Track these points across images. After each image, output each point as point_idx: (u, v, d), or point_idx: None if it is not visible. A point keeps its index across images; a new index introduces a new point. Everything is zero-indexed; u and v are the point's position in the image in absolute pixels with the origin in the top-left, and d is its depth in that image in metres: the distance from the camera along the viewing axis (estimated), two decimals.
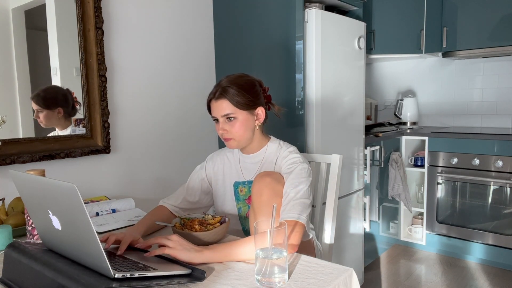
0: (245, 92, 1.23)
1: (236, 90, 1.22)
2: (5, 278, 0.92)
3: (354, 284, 0.92)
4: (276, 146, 1.32)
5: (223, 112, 1.23)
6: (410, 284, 2.42)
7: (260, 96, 1.28)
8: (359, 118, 2.33)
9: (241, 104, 1.22)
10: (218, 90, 1.23)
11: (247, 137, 1.27)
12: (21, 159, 1.49)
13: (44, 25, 1.60)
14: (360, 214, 2.42)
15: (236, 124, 1.23)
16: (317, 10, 1.93)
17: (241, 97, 1.22)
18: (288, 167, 1.22)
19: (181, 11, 2.13)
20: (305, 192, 1.15)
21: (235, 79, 1.25)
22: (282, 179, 1.19)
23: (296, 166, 1.21)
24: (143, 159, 1.98)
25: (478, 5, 2.71)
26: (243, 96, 1.22)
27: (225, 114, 1.23)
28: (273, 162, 1.29)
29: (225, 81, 1.25)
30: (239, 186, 1.34)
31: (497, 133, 2.53)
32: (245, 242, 1.02)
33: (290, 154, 1.26)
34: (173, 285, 0.84)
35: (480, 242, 2.62)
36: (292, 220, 1.08)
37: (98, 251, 0.76)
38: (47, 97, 1.61)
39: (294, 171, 1.19)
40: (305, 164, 1.23)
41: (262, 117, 1.28)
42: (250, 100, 1.24)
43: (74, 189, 0.73)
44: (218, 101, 1.23)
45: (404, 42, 2.85)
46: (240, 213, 1.34)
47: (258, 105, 1.27)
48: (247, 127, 1.25)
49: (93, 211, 1.44)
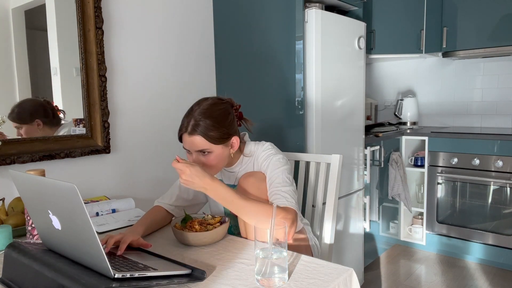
0: (219, 125, 1.17)
1: (210, 125, 1.15)
2: (5, 278, 0.92)
3: (354, 284, 0.92)
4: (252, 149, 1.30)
5: (197, 148, 1.17)
6: (410, 284, 2.42)
7: (234, 124, 1.23)
8: (359, 118, 2.33)
9: (215, 139, 1.16)
10: (190, 124, 1.16)
11: (222, 165, 1.24)
12: (21, 159, 1.49)
13: (44, 25, 1.60)
14: (360, 214, 2.42)
15: (211, 157, 1.19)
16: (317, 10, 1.93)
17: (215, 132, 1.16)
18: (263, 163, 1.24)
19: (181, 11, 2.13)
20: (287, 180, 1.18)
21: (208, 110, 1.17)
22: (265, 177, 1.22)
23: (271, 160, 1.23)
24: (143, 159, 1.98)
25: (478, 5, 2.71)
26: (217, 130, 1.16)
27: (198, 150, 1.18)
28: (251, 164, 1.30)
29: (198, 112, 1.17)
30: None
31: (497, 133, 2.53)
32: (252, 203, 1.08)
33: (263, 151, 1.27)
34: (173, 285, 0.84)
35: (480, 242, 2.62)
36: (283, 207, 1.11)
37: (98, 251, 0.76)
38: (21, 112, 1.55)
39: (270, 165, 1.22)
40: (279, 155, 1.25)
41: (236, 145, 1.24)
42: (225, 132, 1.18)
43: (74, 189, 0.73)
44: (191, 137, 1.16)
45: (404, 42, 2.85)
46: (225, 209, 1.36)
47: (232, 136, 1.22)
48: (222, 158, 1.21)
49: (93, 211, 1.44)
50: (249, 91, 2.18)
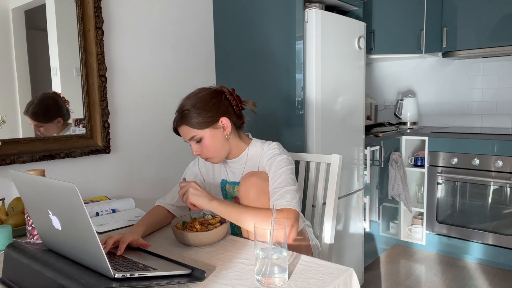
0: (201, 110, 1.21)
1: (193, 112, 1.21)
2: (5, 278, 0.92)
3: (354, 284, 0.92)
4: (258, 146, 1.32)
5: (188, 136, 1.24)
6: (410, 284, 2.42)
7: (219, 106, 1.25)
8: (359, 118, 2.33)
9: (200, 124, 1.21)
10: (177, 117, 1.25)
11: (221, 150, 1.26)
12: (21, 159, 1.49)
13: (44, 25, 1.60)
14: (360, 214, 2.42)
15: (205, 143, 1.23)
16: (317, 10, 1.93)
17: (198, 118, 1.21)
18: (268, 162, 1.24)
19: (181, 11, 2.13)
20: (289, 179, 1.17)
21: (189, 100, 1.24)
22: (267, 177, 1.21)
23: (275, 159, 1.23)
24: (143, 159, 1.98)
25: (478, 5, 2.71)
26: (200, 116, 1.21)
27: (190, 138, 1.24)
28: (257, 162, 1.30)
29: (182, 104, 1.25)
30: (226, 184, 1.36)
31: (497, 133, 2.53)
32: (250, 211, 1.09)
33: (269, 150, 1.27)
34: (173, 285, 0.84)
35: (480, 242, 2.62)
36: (283, 208, 1.10)
37: (98, 251, 0.76)
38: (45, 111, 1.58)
39: (273, 164, 1.22)
40: (284, 155, 1.24)
41: (228, 125, 1.25)
42: (209, 116, 1.22)
43: (74, 189, 0.73)
44: (180, 128, 1.25)
45: (404, 42, 2.85)
46: None
47: (219, 117, 1.24)
48: (217, 141, 1.24)
49: (93, 211, 1.44)
50: (249, 91, 2.17)
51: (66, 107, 1.65)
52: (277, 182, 1.17)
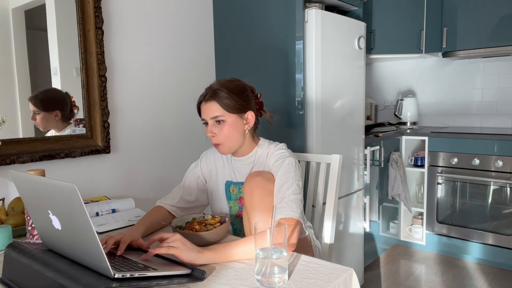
0: (235, 95, 1.22)
1: (226, 93, 1.21)
2: (5, 278, 0.92)
3: (354, 284, 0.92)
4: (265, 146, 1.32)
5: (212, 114, 1.22)
6: (410, 284, 2.42)
7: (250, 101, 1.27)
8: (359, 118, 2.33)
9: (230, 107, 1.21)
10: (209, 92, 1.23)
11: (236, 141, 1.26)
12: (21, 159, 1.49)
13: (44, 25, 1.60)
14: (360, 214, 2.42)
15: (225, 127, 1.22)
16: (317, 10, 1.93)
17: (230, 100, 1.21)
18: (275, 163, 1.23)
19: (181, 11, 2.13)
20: (296, 187, 1.16)
21: (226, 83, 1.25)
22: (273, 178, 1.20)
23: (283, 161, 1.22)
24: (143, 159, 1.98)
25: (478, 5, 2.71)
26: (232, 99, 1.21)
27: (214, 117, 1.22)
28: (263, 162, 1.30)
29: (216, 84, 1.25)
30: (231, 185, 1.35)
31: (497, 133, 2.53)
32: (245, 242, 1.02)
33: (276, 151, 1.27)
34: (173, 285, 0.84)
35: (480, 242, 2.62)
36: (287, 218, 1.08)
37: (98, 251, 0.76)
38: (46, 99, 1.60)
39: (282, 167, 1.20)
40: (292, 158, 1.24)
41: (251, 121, 1.27)
42: (240, 103, 1.23)
43: (74, 189, 0.73)
44: (207, 103, 1.23)
45: (404, 42, 2.85)
46: (231, 212, 1.35)
47: (248, 110, 1.26)
48: (236, 130, 1.24)
49: (93, 211, 1.44)
50: None
51: (71, 106, 1.66)
52: (284, 188, 1.15)
